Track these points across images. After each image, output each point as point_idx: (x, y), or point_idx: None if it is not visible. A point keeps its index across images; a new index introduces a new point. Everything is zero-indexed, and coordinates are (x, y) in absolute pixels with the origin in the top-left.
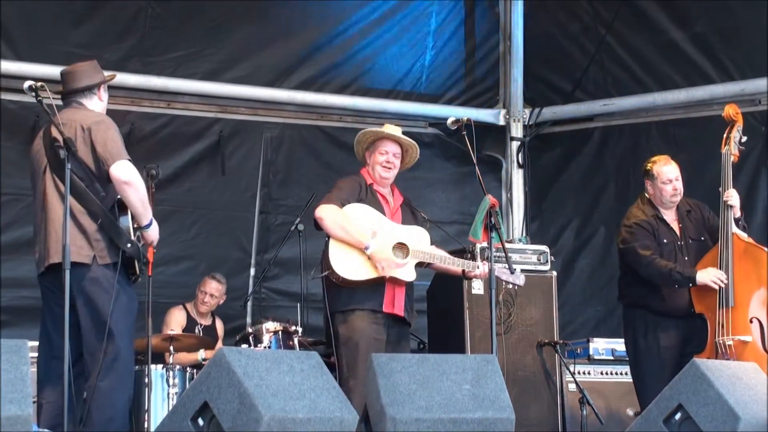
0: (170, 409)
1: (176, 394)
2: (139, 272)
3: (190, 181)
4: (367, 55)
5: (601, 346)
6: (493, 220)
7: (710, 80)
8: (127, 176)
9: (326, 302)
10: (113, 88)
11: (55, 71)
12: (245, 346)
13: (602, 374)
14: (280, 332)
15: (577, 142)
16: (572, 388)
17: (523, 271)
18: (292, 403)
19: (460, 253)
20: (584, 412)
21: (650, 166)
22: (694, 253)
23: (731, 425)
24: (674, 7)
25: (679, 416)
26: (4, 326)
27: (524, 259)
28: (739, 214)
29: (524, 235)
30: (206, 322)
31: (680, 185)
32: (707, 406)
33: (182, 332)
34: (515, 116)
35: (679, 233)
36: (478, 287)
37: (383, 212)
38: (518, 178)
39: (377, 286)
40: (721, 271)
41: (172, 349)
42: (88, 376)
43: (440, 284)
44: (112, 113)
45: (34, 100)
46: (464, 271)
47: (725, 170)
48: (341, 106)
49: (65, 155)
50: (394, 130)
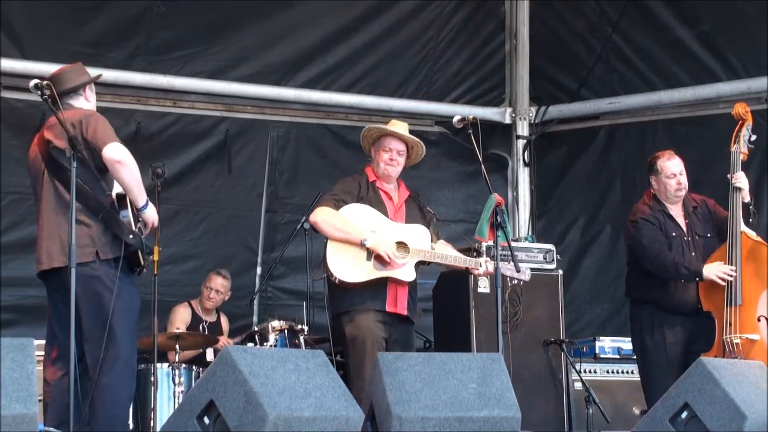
0: (176, 407)
1: (182, 392)
2: (144, 263)
3: (196, 179)
4: (373, 53)
5: (607, 344)
6: (499, 218)
7: (717, 78)
8: (119, 155)
9: (328, 303)
10: (120, 87)
11: None
12: (251, 344)
13: (608, 373)
14: (286, 331)
15: (583, 140)
16: (578, 386)
17: (529, 269)
18: (297, 401)
19: (466, 251)
20: (590, 410)
21: (654, 161)
22: (701, 249)
23: (737, 424)
24: (680, 5)
25: (685, 415)
26: (10, 325)
27: (530, 257)
28: (748, 198)
29: (530, 233)
30: (211, 318)
31: (684, 179)
32: (713, 405)
33: (187, 330)
34: (521, 114)
35: (686, 229)
36: (484, 286)
37: (385, 210)
38: (524, 176)
39: (379, 286)
40: (727, 265)
41: (177, 347)
42: (90, 373)
43: (446, 283)
44: (118, 112)
45: (39, 98)
46: (468, 267)
47: (734, 168)
48: (347, 104)
49: (71, 154)
50: (400, 126)
